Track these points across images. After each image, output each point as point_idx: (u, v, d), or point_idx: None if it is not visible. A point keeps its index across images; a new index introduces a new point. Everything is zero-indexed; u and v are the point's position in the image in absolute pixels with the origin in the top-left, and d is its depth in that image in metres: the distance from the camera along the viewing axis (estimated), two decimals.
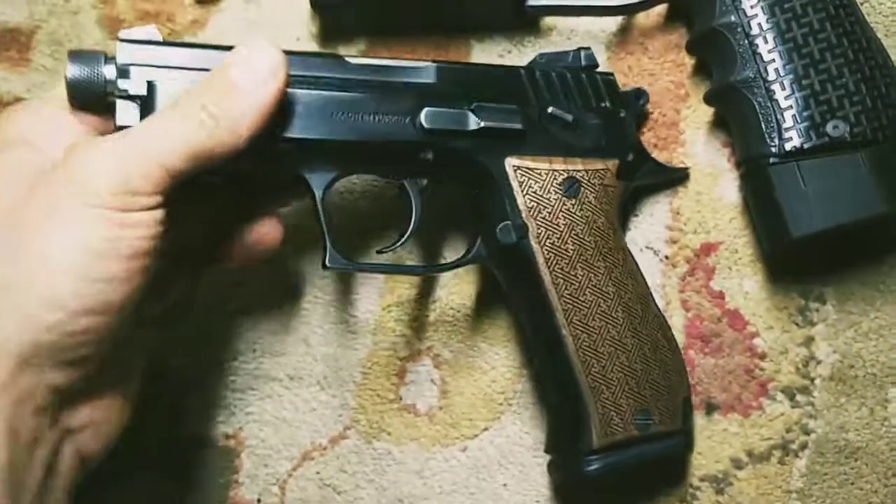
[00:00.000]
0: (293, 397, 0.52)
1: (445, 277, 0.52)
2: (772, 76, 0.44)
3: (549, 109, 0.46)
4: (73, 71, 0.39)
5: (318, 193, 0.44)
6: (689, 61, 0.51)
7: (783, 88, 0.44)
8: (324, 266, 0.45)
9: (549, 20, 0.53)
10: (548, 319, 0.45)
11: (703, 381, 0.49)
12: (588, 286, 0.45)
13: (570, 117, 0.46)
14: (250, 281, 0.53)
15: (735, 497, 0.48)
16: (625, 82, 0.51)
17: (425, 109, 0.44)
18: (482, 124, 0.44)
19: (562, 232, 0.45)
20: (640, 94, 0.49)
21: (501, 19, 0.52)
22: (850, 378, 0.48)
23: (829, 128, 0.44)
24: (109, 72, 0.40)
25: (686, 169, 0.50)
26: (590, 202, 0.46)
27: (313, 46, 0.55)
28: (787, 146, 0.44)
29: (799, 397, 0.48)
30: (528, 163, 0.45)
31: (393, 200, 0.49)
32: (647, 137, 0.51)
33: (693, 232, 0.50)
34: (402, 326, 0.52)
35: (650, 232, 0.51)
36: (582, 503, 0.50)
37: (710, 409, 0.49)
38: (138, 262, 0.35)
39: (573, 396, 0.45)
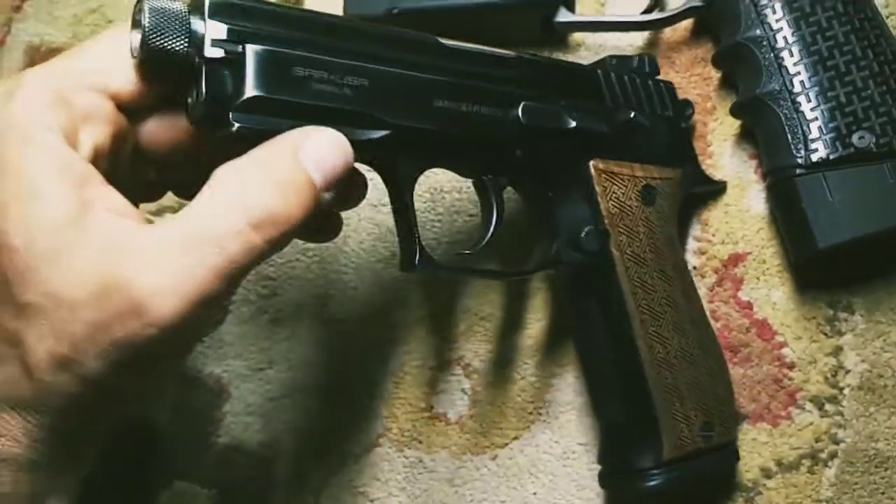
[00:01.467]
0: (326, 406, 0.53)
1: (476, 287, 0.53)
2: (797, 88, 0.45)
3: (632, 114, 0.44)
4: (152, 20, 0.32)
5: (408, 185, 0.40)
6: (716, 75, 0.52)
7: (809, 100, 0.45)
8: (410, 268, 0.40)
9: (577, 36, 0.54)
10: (623, 329, 0.43)
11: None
12: (663, 296, 0.44)
13: (647, 123, 0.45)
14: (285, 291, 0.55)
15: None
16: None
17: (523, 104, 0.41)
18: (575, 124, 0.42)
19: (641, 240, 0.44)
20: (688, 105, 0.49)
21: (530, 36, 0.53)
22: (878, 388, 0.48)
23: (854, 139, 0.44)
24: (198, 25, 0.33)
25: (724, 183, 0.51)
26: (664, 211, 0.45)
27: None
28: (814, 157, 0.44)
29: (828, 406, 0.48)
30: (611, 167, 0.44)
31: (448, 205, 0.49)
32: None
33: (721, 243, 0.51)
34: (432, 336, 0.53)
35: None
36: None
37: (740, 418, 0.49)
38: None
39: (644, 409, 0.43)
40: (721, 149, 0.51)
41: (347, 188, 0.39)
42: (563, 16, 0.50)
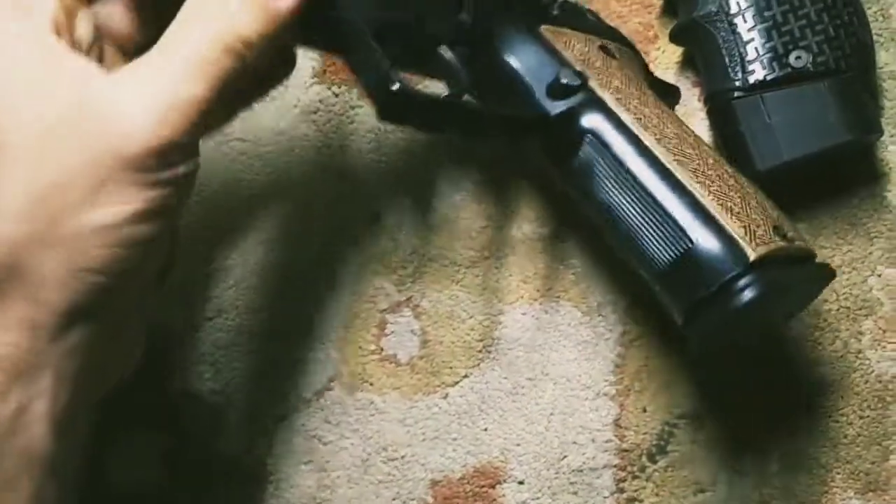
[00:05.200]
0: (276, 352, 0.53)
1: (423, 228, 0.52)
2: (734, 9, 0.44)
3: None
4: None
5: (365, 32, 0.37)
6: (657, 2, 0.51)
7: (745, 21, 0.44)
8: (386, 104, 0.36)
9: None
10: (645, 158, 0.39)
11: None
12: (668, 124, 0.41)
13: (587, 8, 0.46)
14: (231, 239, 0.54)
15: (713, 433, 0.48)
16: None
17: None
18: None
19: (619, 80, 0.42)
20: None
21: None
22: (823, 311, 0.48)
23: (791, 58, 0.44)
24: None
25: (676, 87, 0.49)
26: (630, 66, 0.44)
27: None
28: (751, 79, 0.44)
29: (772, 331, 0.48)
30: (562, 31, 0.43)
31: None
32: None
33: None
34: (380, 279, 0.53)
35: None
36: None
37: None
38: (175, 214, 0.34)
39: (705, 221, 0.38)
40: (664, 77, 0.51)
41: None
42: None
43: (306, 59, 0.53)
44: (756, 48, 0.44)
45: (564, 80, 0.40)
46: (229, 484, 0.52)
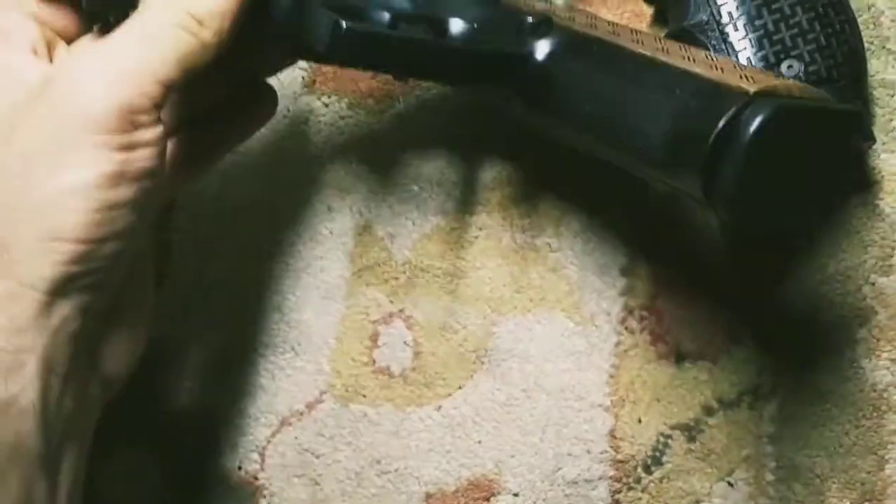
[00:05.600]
0: (268, 365, 0.53)
1: (415, 238, 0.52)
2: (725, 18, 0.44)
3: None
4: None
5: None
6: (648, 11, 0.51)
7: (737, 30, 0.44)
8: (335, 37, 0.35)
9: None
10: (621, 58, 0.38)
11: (672, 330, 0.49)
12: (641, 34, 0.39)
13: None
14: (222, 251, 0.54)
15: (707, 444, 0.48)
16: None
17: None
18: None
19: (584, 18, 0.41)
20: None
21: None
22: (817, 320, 0.48)
23: (783, 67, 0.43)
24: None
25: None
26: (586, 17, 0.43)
27: None
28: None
29: (768, 341, 0.48)
30: None
31: None
32: None
33: None
34: (372, 290, 0.52)
35: None
36: None
37: (680, 357, 0.49)
38: (149, 182, 0.34)
39: (695, 82, 0.34)
40: None
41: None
42: None
43: (296, 70, 0.53)
44: (748, 57, 0.44)
45: (530, 20, 0.40)
46: (222, 499, 0.52)
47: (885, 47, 0.49)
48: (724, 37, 0.44)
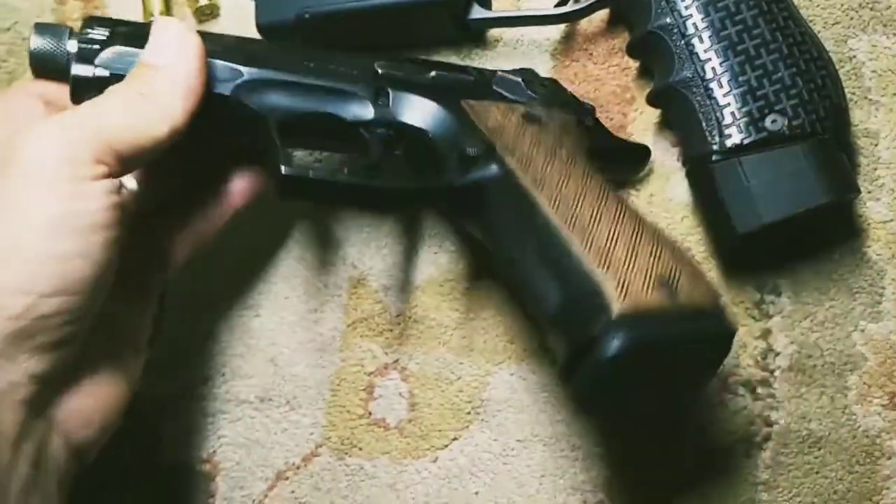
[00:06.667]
0: (264, 418, 0.53)
1: (406, 292, 0.52)
2: (709, 75, 0.45)
3: (498, 72, 0.47)
4: (37, 43, 0.41)
5: (272, 122, 0.42)
6: (634, 65, 0.52)
7: (721, 86, 0.45)
8: (283, 186, 0.39)
9: (494, 32, 0.53)
10: (537, 217, 0.40)
11: None
12: (571, 183, 0.41)
13: (518, 78, 0.47)
14: (218, 304, 0.54)
15: (702, 490, 0.48)
16: (572, 89, 0.52)
17: (379, 62, 0.45)
18: (435, 74, 0.45)
19: (528, 148, 0.42)
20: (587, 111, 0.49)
21: (446, 34, 0.52)
22: (808, 368, 0.48)
23: (767, 122, 0.44)
24: (72, 46, 0.40)
25: (646, 147, 0.50)
26: (553, 131, 0.44)
27: None
28: (728, 143, 0.44)
29: (760, 390, 0.49)
30: (484, 103, 0.45)
31: None
32: None
33: None
34: (367, 342, 0.53)
35: None
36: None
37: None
38: (99, 236, 0.34)
39: (578, 275, 0.38)
40: (642, 138, 0.51)
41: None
42: (477, 12, 0.50)
43: None
44: (732, 112, 0.44)
45: (470, 151, 0.42)
46: None
47: (868, 97, 0.50)
48: (708, 93, 0.45)
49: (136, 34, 0.41)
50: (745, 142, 0.44)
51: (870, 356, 0.48)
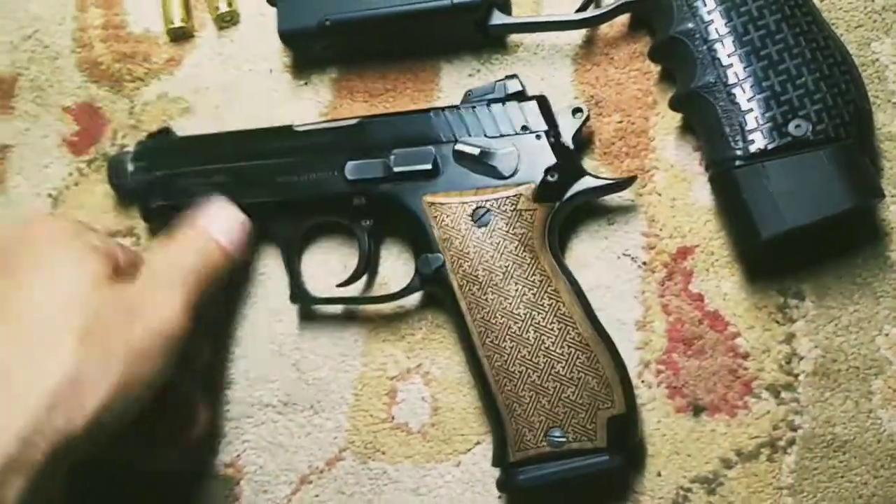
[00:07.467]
0: (288, 422, 0.53)
1: (431, 297, 0.53)
2: (732, 80, 0.45)
3: (456, 146, 0.49)
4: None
5: (280, 244, 0.52)
6: (655, 69, 0.52)
7: (744, 91, 0.45)
8: (294, 300, 0.52)
9: (515, 37, 0.53)
10: (468, 342, 0.48)
11: (688, 383, 0.49)
12: (499, 310, 0.47)
13: (476, 150, 0.49)
14: (241, 310, 0.54)
15: (727, 497, 0.48)
16: (593, 93, 0.52)
17: (348, 163, 0.50)
18: (395, 170, 0.49)
19: (472, 260, 0.48)
20: (576, 111, 0.49)
21: (468, 40, 0.52)
22: (832, 372, 0.48)
23: (791, 127, 0.44)
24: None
25: (632, 177, 0.49)
26: (500, 229, 0.47)
27: (287, 77, 0.56)
28: (752, 148, 0.44)
29: (784, 394, 0.48)
30: (440, 199, 0.49)
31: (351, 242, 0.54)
32: (618, 146, 0.52)
33: (669, 237, 0.51)
34: (390, 346, 0.53)
35: (627, 239, 0.51)
36: None
37: (698, 410, 0.49)
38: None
39: (494, 413, 0.47)
40: (664, 143, 0.51)
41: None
42: (498, 18, 0.50)
43: None
44: (756, 118, 0.44)
45: (423, 270, 0.49)
46: None
47: (891, 101, 0.50)
48: (731, 98, 0.45)
49: None
50: (769, 147, 0.44)
51: (894, 360, 0.48)
